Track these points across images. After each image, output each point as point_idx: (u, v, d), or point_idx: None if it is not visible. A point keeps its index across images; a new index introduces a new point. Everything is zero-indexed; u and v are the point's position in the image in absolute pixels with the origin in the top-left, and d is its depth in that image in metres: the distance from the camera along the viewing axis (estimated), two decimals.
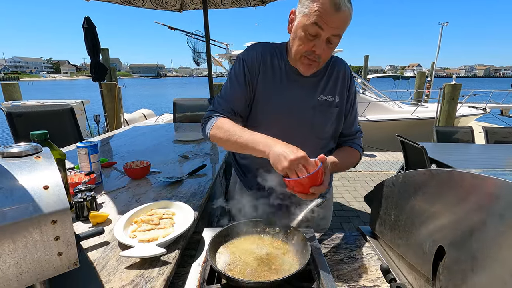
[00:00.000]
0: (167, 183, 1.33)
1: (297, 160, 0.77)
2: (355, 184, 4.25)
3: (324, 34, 0.88)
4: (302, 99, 1.06)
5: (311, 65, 0.97)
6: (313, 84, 1.07)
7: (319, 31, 0.88)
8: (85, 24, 4.95)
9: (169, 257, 0.79)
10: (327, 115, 1.08)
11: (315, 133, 1.08)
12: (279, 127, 1.05)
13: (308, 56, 0.94)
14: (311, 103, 1.06)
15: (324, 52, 0.93)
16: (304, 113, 1.06)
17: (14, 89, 7.05)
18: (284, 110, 1.05)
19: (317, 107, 1.06)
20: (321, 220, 1.24)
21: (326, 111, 1.07)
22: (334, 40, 0.91)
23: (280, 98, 1.06)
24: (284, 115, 1.05)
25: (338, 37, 0.91)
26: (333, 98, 1.07)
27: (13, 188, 0.56)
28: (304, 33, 0.91)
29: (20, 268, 0.53)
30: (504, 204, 0.46)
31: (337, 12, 0.85)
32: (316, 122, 1.07)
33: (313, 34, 0.90)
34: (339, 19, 0.86)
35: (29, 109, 2.58)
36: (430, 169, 0.67)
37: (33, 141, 0.95)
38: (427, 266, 0.65)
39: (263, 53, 1.06)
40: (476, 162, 2.89)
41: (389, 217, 0.87)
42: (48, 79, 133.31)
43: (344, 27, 0.90)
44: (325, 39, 0.90)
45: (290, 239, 0.86)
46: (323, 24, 0.86)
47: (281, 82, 1.06)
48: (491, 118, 10.22)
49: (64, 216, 0.57)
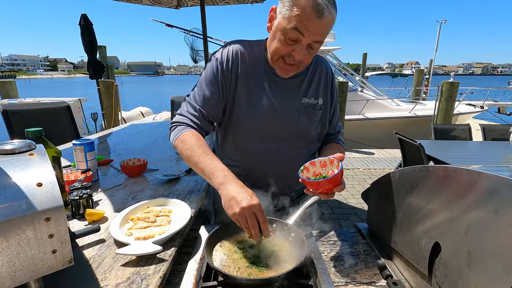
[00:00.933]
0: (164, 181, 1.32)
1: (249, 208, 0.74)
2: (353, 182, 4.26)
3: (305, 40, 0.84)
4: (286, 102, 1.01)
5: (290, 69, 0.93)
6: (295, 86, 1.03)
7: (299, 36, 0.84)
8: (82, 21, 4.92)
9: (165, 255, 0.79)
10: (312, 118, 1.05)
11: (301, 137, 1.06)
12: (263, 132, 1.02)
13: (287, 59, 0.90)
14: (295, 107, 1.02)
15: (305, 57, 0.89)
16: (289, 117, 1.02)
17: (10, 87, 6.99)
18: (268, 113, 1.00)
19: (302, 110, 1.03)
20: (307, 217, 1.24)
21: (311, 114, 1.04)
22: (315, 46, 0.87)
23: (262, 100, 1.00)
24: (268, 119, 1.01)
25: (320, 43, 0.87)
26: (316, 100, 1.04)
27: (6, 185, 0.55)
28: (284, 37, 0.86)
29: (13, 266, 0.52)
30: (499, 200, 0.46)
31: (320, 18, 0.80)
32: (301, 126, 1.03)
33: (293, 39, 0.85)
34: (322, 25, 0.82)
35: (26, 107, 2.56)
36: (427, 165, 0.67)
37: (27, 139, 0.94)
38: (423, 262, 0.66)
39: (240, 52, 1.00)
40: (474, 159, 2.90)
41: (385, 214, 0.87)
42: (45, 77, 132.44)
43: (326, 33, 0.86)
44: (306, 44, 0.86)
45: (287, 236, 0.86)
46: (304, 30, 0.82)
47: (262, 83, 1.00)
48: (489, 116, 10.26)
49: (58, 214, 0.56)
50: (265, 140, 1.04)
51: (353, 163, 5.17)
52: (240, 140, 1.07)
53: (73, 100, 6.50)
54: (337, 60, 8.51)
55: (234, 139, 1.08)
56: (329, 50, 8.15)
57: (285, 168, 1.05)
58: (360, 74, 15.61)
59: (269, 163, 1.05)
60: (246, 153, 1.07)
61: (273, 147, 1.04)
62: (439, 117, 6.23)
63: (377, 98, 7.77)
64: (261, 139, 1.04)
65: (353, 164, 5.11)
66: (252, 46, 1.02)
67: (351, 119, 6.75)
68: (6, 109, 2.38)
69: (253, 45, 1.03)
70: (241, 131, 1.05)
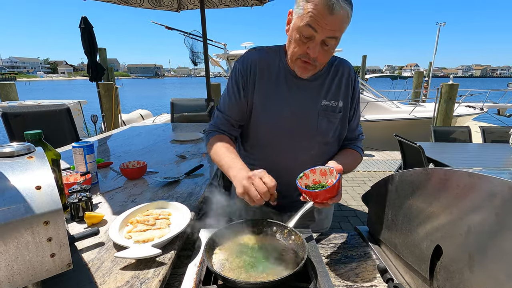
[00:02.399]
0: (163, 183, 1.32)
1: (255, 175, 0.81)
2: (353, 184, 4.25)
3: (318, 36, 0.86)
4: (305, 104, 1.03)
5: (307, 68, 0.95)
6: (315, 89, 1.04)
7: (313, 33, 0.86)
8: (82, 24, 4.93)
9: (164, 258, 0.79)
10: (332, 121, 1.05)
11: (320, 138, 1.06)
12: (282, 133, 1.04)
13: (303, 58, 0.93)
14: (314, 109, 1.03)
15: (320, 55, 0.90)
16: (308, 119, 1.03)
17: (10, 89, 7.00)
18: (286, 115, 1.03)
19: (321, 112, 1.03)
20: (323, 220, 1.24)
21: (330, 116, 1.04)
22: (330, 42, 0.88)
23: (281, 103, 1.03)
24: (287, 120, 1.03)
25: (335, 39, 0.88)
26: (336, 103, 1.04)
27: (5, 188, 0.55)
28: (299, 35, 0.89)
29: (11, 270, 0.52)
30: (500, 202, 0.46)
31: (331, 14, 0.82)
32: (320, 128, 1.04)
33: (307, 36, 0.88)
34: (334, 21, 0.83)
35: (26, 110, 2.56)
36: (427, 168, 0.67)
37: (27, 141, 0.94)
38: (424, 265, 0.65)
39: (258, 59, 1.05)
40: (474, 161, 2.90)
41: (386, 217, 0.86)
42: (46, 79, 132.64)
43: (340, 29, 0.87)
44: (320, 41, 0.87)
45: (287, 239, 0.85)
46: (317, 26, 0.84)
47: (280, 86, 1.03)
48: (488, 118, 10.27)
49: (57, 217, 0.56)
50: (283, 142, 1.06)
51: None
52: (259, 142, 1.10)
53: (73, 102, 6.50)
54: None
55: (254, 141, 1.11)
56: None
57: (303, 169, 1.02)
58: (360, 76, 15.64)
59: (287, 164, 1.06)
60: (265, 154, 1.10)
61: (291, 149, 1.06)
62: (439, 119, 6.24)
63: (376, 100, 7.78)
64: (279, 141, 1.06)
65: None
66: (270, 52, 1.06)
67: None
68: (6, 112, 2.38)
69: (271, 51, 1.06)
70: (259, 133, 1.08)
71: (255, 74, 1.04)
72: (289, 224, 0.88)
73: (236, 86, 1.06)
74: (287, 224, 0.88)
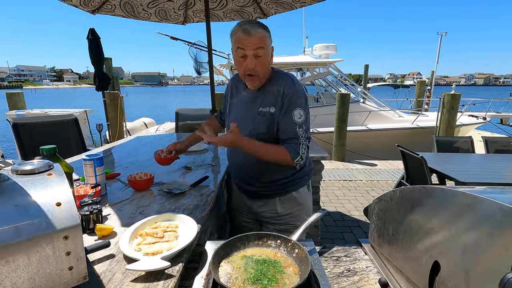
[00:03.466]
0: (170, 195, 1.35)
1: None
2: (356, 194, 4.25)
3: (248, 52, 1.20)
4: (248, 110, 1.36)
5: (253, 79, 1.27)
6: (256, 98, 1.35)
7: (243, 52, 1.21)
8: (90, 35, 5.06)
9: (173, 270, 0.82)
10: (265, 123, 1.31)
11: (257, 136, 1.32)
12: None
13: (247, 73, 1.24)
14: (254, 113, 1.33)
15: (257, 66, 1.22)
16: (250, 121, 1.35)
17: (18, 98, 7.13)
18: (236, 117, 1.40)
19: (258, 116, 1.33)
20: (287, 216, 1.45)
21: (264, 119, 1.31)
22: (259, 52, 1.20)
23: (234, 109, 1.46)
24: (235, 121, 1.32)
25: (261, 49, 1.20)
26: (269, 108, 1.30)
27: (28, 204, 0.59)
28: (237, 57, 1.24)
29: (33, 282, 0.55)
30: (493, 223, 0.49)
31: (250, 35, 1.18)
32: (258, 128, 1.33)
33: (242, 56, 1.22)
34: (253, 39, 1.18)
35: (34, 120, 2.63)
36: (426, 186, 0.70)
37: (42, 156, 0.98)
38: (424, 280, 0.68)
39: (234, 77, 1.50)
40: (477, 172, 2.90)
41: (387, 231, 0.89)
42: (51, 87, 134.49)
43: (261, 42, 1.20)
44: (252, 55, 1.20)
45: (291, 253, 0.88)
46: (244, 46, 1.20)
47: (238, 96, 1.45)
48: (491, 127, 10.24)
49: (76, 232, 0.59)
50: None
51: (356, 174, 5.17)
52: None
53: (80, 111, 6.60)
54: (339, 72, 8.62)
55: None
56: (331, 62, 8.27)
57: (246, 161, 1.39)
58: (362, 85, 15.72)
59: (236, 156, 1.45)
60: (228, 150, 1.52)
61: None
62: (442, 128, 6.24)
63: (379, 109, 7.81)
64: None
65: (355, 175, 5.11)
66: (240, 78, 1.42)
67: (353, 130, 6.78)
68: (16, 122, 2.45)
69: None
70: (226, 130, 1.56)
71: (229, 90, 1.52)
72: (292, 238, 0.91)
73: (225, 95, 1.59)
74: (291, 237, 0.91)
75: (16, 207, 0.57)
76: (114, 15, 3.11)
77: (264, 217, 1.48)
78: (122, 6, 2.99)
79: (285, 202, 1.43)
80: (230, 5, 3.16)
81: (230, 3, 3.11)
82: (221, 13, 3.33)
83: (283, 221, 1.44)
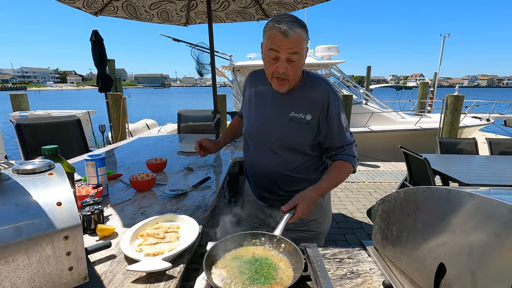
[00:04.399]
0: (172, 196, 1.35)
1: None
2: (359, 195, 4.23)
3: (282, 55, 1.06)
4: (275, 114, 1.22)
5: (281, 83, 1.13)
6: (287, 102, 1.21)
7: (276, 54, 1.06)
8: (93, 37, 5.09)
9: (174, 271, 0.81)
10: (298, 130, 1.19)
11: (289, 145, 1.22)
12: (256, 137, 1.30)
13: (276, 76, 1.11)
14: (283, 118, 1.20)
15: (289, 70, 1.08)
16: (277, 127, 1.22)
17: (22, 99, 7.19)
18: (259, 121, 1.27)
19: (288, 122, 1.20)
20: (312, 222, 1.32)
21: (296, 126, 1.19)
22: (293, 58, 1.06)
23: (257, 110, 1.29)
24: (259, 126, 1.26)
25: (296, 54, 1.06)
26: (304, 115, 1.18)
27: (28, 204, 0.58)
28: (268, 59, 1.09)
29: (33, 282, 0.55)
30: (500, 224, 0.47)
31: (286, 37, 1.02)
32: (288, 135, 1.21)
33: (274, 58, 1.08)
34: (290, 42, 1.03)
35: (37, 121, 2.64)
36: (430, 187, 0.69)
37: (44, 156, 0.98)
38: (428, 282, 0.66)
39: (253, 78, 1.34)
40: (480, 174, 2.88)
41: (391, 233, 0.88)
42: (55, 88, 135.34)
43: (298, 47, 1.05)
44: (284, 59, 1.06)
45: (278, 248, 0.88)
46: (278, 48, 1.05)
47: (262, 100, 1.27)
48: (495, 129, 10.17)
49: (76, 232, 0.59)
50: (258, 144, 1.29)
51: (358, 176, 5.14)
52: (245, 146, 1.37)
53: (82, 112, 6.63)
54: (341, 73, 8.60)
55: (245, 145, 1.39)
56: (333, 64, 8.26)
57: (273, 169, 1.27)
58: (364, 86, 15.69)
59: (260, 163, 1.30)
60: (247, 156, 1.39)
61: (265, 151, 1.26)
62: (445, 130, 6.21)
63: (381, 111, 7.78)
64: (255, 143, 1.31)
65: (358, 177, 5.08)
66: (263, 75, 1.25)
67: (355, 132, 6.75)
68: (19, 123, 2.46)
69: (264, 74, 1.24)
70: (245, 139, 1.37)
71: (247, 90, 1.36)
72: (276, 233, 0.91)
73: (242, 93, 1.43)
74: (274, 232, 0.91)
75: (16, 206, 0.56)
76: (116, 16, 3.12)
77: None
78: (125, 7, 3.00)
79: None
80: (232, 7, 3.16)
81: (232, 4, 3.12)
82: (223, 14, 3.33)
83: (306, 227, 1.32)
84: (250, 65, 8.57)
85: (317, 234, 1.34)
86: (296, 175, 1.25)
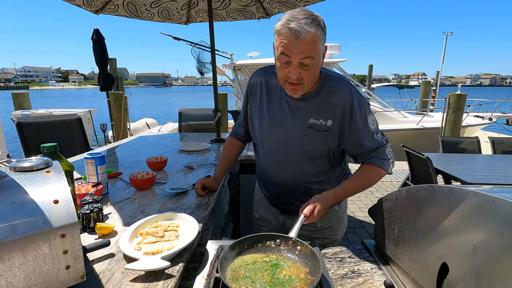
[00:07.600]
0: (172, 194, 1.34)
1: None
2: (360, 194, 4.21)
3: (294, 60, 0.94)
4: (293, 121, 1.12)
5: (295, 89, 1.02)
6: (305, 107, 1.10)
7: (288, 59, 0.95)
8: (94, 35, 5.09)
9: (173, 270, 0.80)
10: (318, 138, 1.10)
11: (308, 153, 1.13)
12: (269, 145, 1.19)
13: (289, 81, 1.00)
14: (302, 125, 1.10)
15: (303, 75, 0.97)
16: (295, 134, 1.12)
17: (24, 98, 7.21)
18: (276, 129, 1.15)
19: (308, 129, 1.09)
20: (327, 230, 1.27)
21: (317, 133, 1.09)
22: (307, 62, 0.94)
23: (267, 117, 1.16)
24: (275, 134, 1.16)
25: (310, 58, 0.94)
26: (324, 121, 1.08)
27: (24, 202, 0.58)
28: (279, 63, 0.99)
29: (29, 281, 0.54)
30: (505, 223, 0.46)
31: (299, 40, 0.90)
32: (307, 143, 1.11)
33: (285, 62, 0.97)
34: (302, 44, 0.91)
35: (39, 119, 2.64)
36: (433, 185, 0.68)
37: (43, 153, 0.98)
38: (431, 282, 0.65)
39: (262, 80, 1.20)
40: (483, 173, 2.86)
41: (392, 232, 0.87)
42: (57, 88, 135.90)
43: (311, 49, 0.93)
44: (297, 64, 0.95)
45: (293, 250, 0.86)
46: (289, 52, 0.93)
47: (275, 104, 1.15)
48: (497, 128, 10.12)
49: (73, 230, 0.58)
50: (272, 152, 1.20)
51: None
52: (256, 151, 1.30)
53: (84, 111, 6.65)
54: (343, 72, 8.58)
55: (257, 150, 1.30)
56: (335, 62, 8.23)
57: (290, 180, 1.20)
58: (366, 85, 15.63)
59: (275, 173, 1.23)
60: (258, 163, 1.32)
61: (279, 160, 1.19)
62: (447, 129, 6.18)
63: (383, 110, 7.75)
64: (268, 152, 1.21)
65: None
66: (274, 73, 1.12)
67: None
68: (20, 122, 2.46)
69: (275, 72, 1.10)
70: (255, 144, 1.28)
71: (256, 90, 1.21)
72: (291, 235, 0.88)
73: (245, 97, 1.28)
74: (290, 234, 0.89)
75: (12, 204, 0.56)
76: (117, 15, 3.11)
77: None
78: (125, 6, 2.99)
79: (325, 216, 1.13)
80: (233, 5, 3.15)
81: (233, 2, 3.10)
82: (224, 12, 3.32)
83: (321, 235, 1.27)
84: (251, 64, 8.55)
85: (331, 242, 1.28)
86: (314, 186, 1.17)
